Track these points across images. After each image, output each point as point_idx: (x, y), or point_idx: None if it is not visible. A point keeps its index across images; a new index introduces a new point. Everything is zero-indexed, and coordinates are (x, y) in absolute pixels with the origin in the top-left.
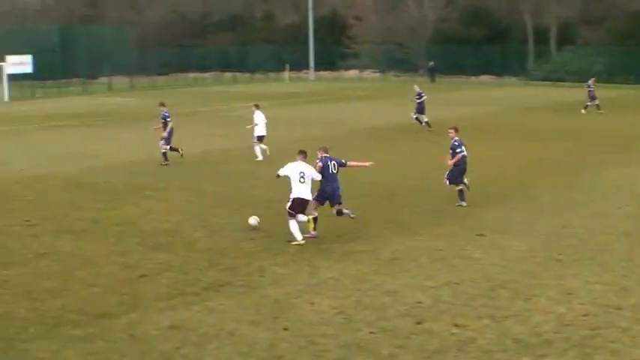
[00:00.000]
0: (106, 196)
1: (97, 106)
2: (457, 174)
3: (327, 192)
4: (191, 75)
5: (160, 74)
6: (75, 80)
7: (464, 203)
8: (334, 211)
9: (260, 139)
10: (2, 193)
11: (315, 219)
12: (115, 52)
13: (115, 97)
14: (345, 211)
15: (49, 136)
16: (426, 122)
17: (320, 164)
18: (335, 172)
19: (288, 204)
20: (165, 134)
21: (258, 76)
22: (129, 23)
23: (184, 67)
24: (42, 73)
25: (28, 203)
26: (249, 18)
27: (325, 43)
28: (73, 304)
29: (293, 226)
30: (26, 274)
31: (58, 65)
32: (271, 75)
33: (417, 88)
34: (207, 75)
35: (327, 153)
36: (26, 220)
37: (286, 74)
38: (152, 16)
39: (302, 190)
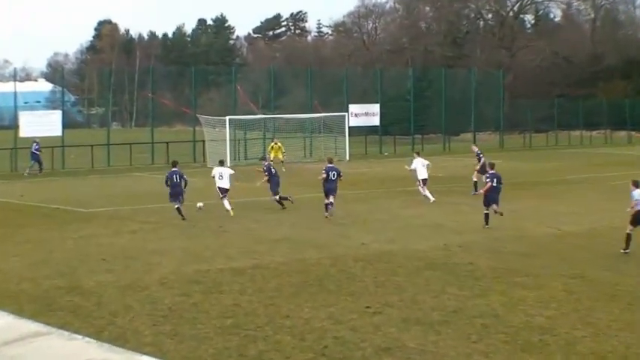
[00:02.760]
0: (466, 281)
1: (462, 168)
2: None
3: (327, 189)
4: (575, 133)
5: (536, 131)
6: (432, 136)
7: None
8: (328, 201)
9: (424, 182)
10: (340, 272)
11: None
12: (482, 102)
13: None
14: (331, 203)
15: (398, 204)
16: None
17: (323, 173)
18: (334, 179)
19: (217, 189)
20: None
21: None
22: (500, 67)
23: (567, 124)
24: (391, 126)
25: (370, 286)
26: None
27: None
28: None
29: (225, 203)
30: None
31: (411, 117)
32: None
33: (475, 149)
34: (594, 133)
35: (331, 164)
36: (367, 307)
37: None
38: (528, 58)
39: (223, 182)
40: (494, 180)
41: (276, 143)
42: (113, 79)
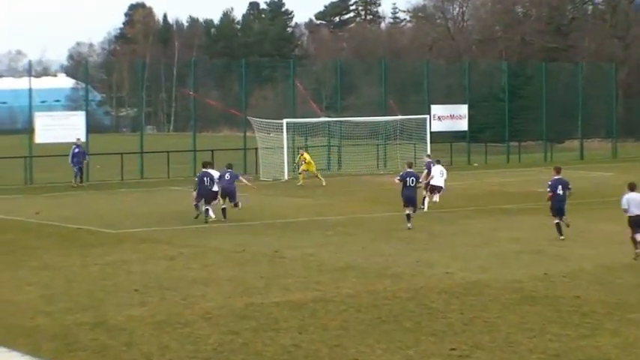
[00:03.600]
0: (571, 318)
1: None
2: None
3: (405, 196)
4: None
5: None
6: (530, 144)
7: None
8: (409, 211)
9: (432, 189)
10: (420, 307)
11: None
12: (591, 102)
13: (591, 170)
14: (415, 212)
15: (489, 225)
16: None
17: (398, 178)
18: (412, 185)
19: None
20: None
21: None
22: (612, 60)
23: None
24: (481, 132)
25: (456, 323)
26: None
27: None
28: None
29: (206, 207)
30: None
31: (505, 121)
32: None
33: (426, 159)
34: None
35: (410, 168)
36: (452, 349)
37: None
38: None
39: (211, 187)
40: (558, 187)
41: (302, 154)
42: (147, 75)
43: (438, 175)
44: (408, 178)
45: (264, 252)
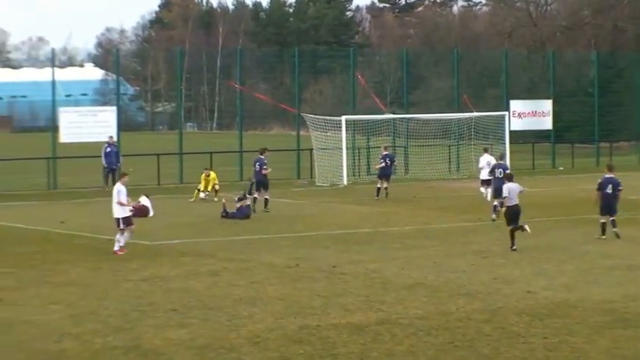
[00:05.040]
0: None
1: None
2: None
3: (492, 187)
4: None
5: None
6: (623, 145)
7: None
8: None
9: (483, 182)
10: (498, 330)
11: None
12: None
13: None
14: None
15: (577, 238)
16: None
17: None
18: (500, 176)
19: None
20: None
21: None
22: None
23: None
24: (568, 131)
25: (538, 349)
26: None
27: None
28: None
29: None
30: None
31: (595, 118)
32: None
33: (383, 152)
34: None
35: (501, 160)
36: None
37: None
38: None
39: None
40: (608, 186)
41: (208, 175)
42: (186, 65)
43: (485, 167)
44: (496, 170)
45: (321, 267)
